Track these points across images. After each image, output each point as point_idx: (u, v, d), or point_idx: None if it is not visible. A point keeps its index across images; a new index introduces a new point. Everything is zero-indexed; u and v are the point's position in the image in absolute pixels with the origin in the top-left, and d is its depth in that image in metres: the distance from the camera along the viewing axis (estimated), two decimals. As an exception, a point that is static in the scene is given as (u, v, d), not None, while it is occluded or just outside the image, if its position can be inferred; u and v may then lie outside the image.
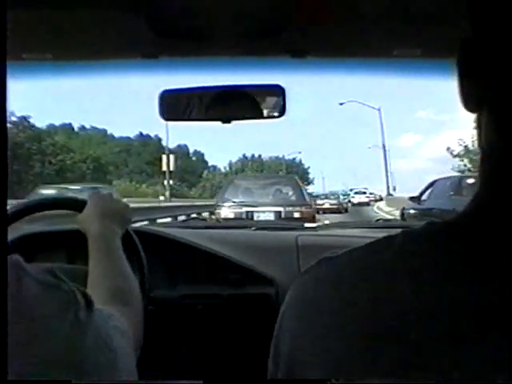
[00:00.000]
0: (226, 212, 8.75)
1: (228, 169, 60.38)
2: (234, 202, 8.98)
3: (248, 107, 1.25)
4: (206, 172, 58.50)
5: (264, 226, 2.06)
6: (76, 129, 59.43)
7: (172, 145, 63.70)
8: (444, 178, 9.84)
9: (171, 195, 30.59)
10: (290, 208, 8.91)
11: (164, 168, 30.91)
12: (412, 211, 9.96)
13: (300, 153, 63.51)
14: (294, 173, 54.25)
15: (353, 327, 0.37)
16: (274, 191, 9.59)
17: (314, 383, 0.38)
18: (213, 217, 10.24)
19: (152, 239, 1.43)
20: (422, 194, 9.96)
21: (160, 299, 1.35)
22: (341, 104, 36.97)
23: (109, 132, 62.73)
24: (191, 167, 61.18)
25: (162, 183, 34.05)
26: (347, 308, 0.38)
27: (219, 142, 76.73)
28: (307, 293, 0.43)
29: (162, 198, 30.21)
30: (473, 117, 0.41)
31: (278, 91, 1.21)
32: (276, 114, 1.23)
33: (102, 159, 46.39)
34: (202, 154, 68.62)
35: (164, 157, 31.50)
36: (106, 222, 0.96)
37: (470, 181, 8.49)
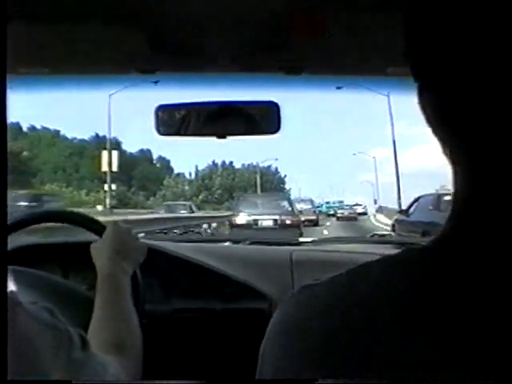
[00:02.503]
0: (240, 219, 12.53)
1: (194, 176, 54.22)
2: (245, 212, 12.74)
3: (243, 123, 1.25)
4: (167, 179, 51.91)
5: (259, 240, 2.06)
6: (25, 129, 52.73)
7: (133, 149, 58.05)
8: (427, 195, 11.20)
9: (114, 205, 23.76)
10: (284, 217, 12.50)
11: (104, 168, 23.48)
12: (401, 223, 11.48)
13: (276, 160, 57.98)
14: (270, 182, 52.17)
15: (331, 355, 0.38)
16: (274, 205, 13.33)
17: (302, 383, 0.39)
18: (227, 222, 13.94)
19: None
20: (409, 208, 11.52)
21: (153, 313, 1.34)
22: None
23: (61, 133, 55.98)
24: (154, 174, 55.24)
25: (103, 188, 25.83)
26: (325, 337, 0.39)
27: (187, 148, 72.11)
28: (287, 320, 0.43)
29: (99, 207, 24.28)
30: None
31: (273, 108, 1.22)
32: (271, 130, 1.24)
33: (33, 160, 42.67)
34: (168, 161, 62.40)
35: (105, 154, 23.80)
36: (118, 260, 0.94)
37: (447, 198, 9.34)
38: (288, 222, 12.34)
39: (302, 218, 19.35)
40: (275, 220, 12.33)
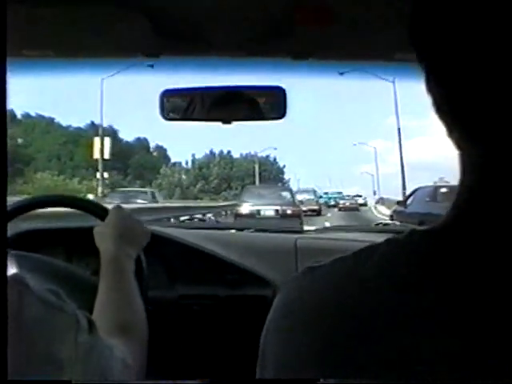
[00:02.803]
0: (244, 209, 13.40)
1: (190, 165, 52.29)
2: (249, 202, 13.64)
3: (249, 108, 1.25)
4: (164, 168, 49.96)
5: (264, 228, 2.06)
6: (19, 116, 49.87)
7: (130, 138, 56.20)
8: (423, 187, 11.69)
9: (107, 193, 22.19)
10: (285, 207, 13.34)
11: (96, 155, 22.72)
12: (399, 213, 11.88)
13: (275, 149, 55.00)
14: (268, 171, 51.11)
15: (335, 338, 0.38)
16: (276, 196, 14.31)
17: (303, 383, 0.38)
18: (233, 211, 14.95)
19: (151, 238, 1.43)
20: (406, 199, 12.01)
21: (158, 299, 1.34)
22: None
23: (56, 120, 53.91)
24: (151, 163, 53.20)
25: (95, 176, 25.15)
26: (329, 319, 0.39)
27: (185, 137, 69.96)
28: (289, 305, 0.43)
29: (90, 196, 21.10)
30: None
31: (279, 93, 1.21)
32: (277, 116, 1.23)
33: (27, 148, 41.82)
34: (165, 150, 60.21)
35: (97, 140, 22.97)
36: (121, 244, 0.94)
37: (443, 190, 10.44)
38: (289, 211, 13.16)
39: (305, 208, 21.43)
40: (277, 210, 13.20)
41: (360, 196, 40.72)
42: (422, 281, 0.37)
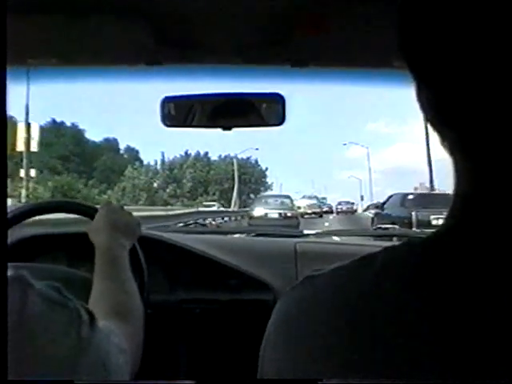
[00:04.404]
0: (256, 212, 17.31)
1: (159, 166, 47.26)
2: (259, 208, 17.75)
3: (249, 115, 1.26)
4: (129, 169, 44.30)
5: (264, 232, 2.07)
6: None
7: (97, 138, 52.21)
8: (396, 194, 13.73)
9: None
10: (286, 211, 17.49)
11: (20, 147, 16.93)
12: (378, 216, 13.79)
13: (257, 149, 51.26)
14: (249, 175, 47.77)
15: (335, 345, 0.38)
16: (279, 202, 18.35)
17: (305, 383, 0.39)
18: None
19: (152, 243, 1.44)
20: (384, 203, 13.94)
21: (159, 303, 1.35)
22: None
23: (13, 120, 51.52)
24: (120, 166, 47.43)
25: (18, 175, 18.36)
26: (328, 330, 0.39)
27: (158, 138, 64.72)
28: (290, 314, 0.43)
29: (9, 201, 9.99)
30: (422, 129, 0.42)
31: (278, 99, 1.23)
32: (276, 122, 1.25)
33: None
34: (137, 151, 55.94)
35: (20, 127, 16.89)
36: (114, 235, 0.96)
37: (410, 196, 12.67)
38: (289, 214, 17.43)
39: (309, 211, 28.15)
40: (280, 213, 17.31)
41: (353, 203, 40.72)
42: (421, 289, 0.37)
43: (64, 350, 0.50)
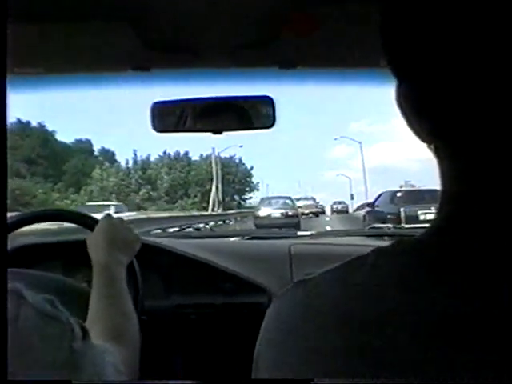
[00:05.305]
0: (261, 212, 19.33)
1: (131, 165, 42.46)
2: (264, 208, 19.78)
3: (238, 118, 1.26)
4: (97, 170, 40.33)
5: (258, 235, 2.07)
6: None
7: (69, 139, 48.13)
8: (386, 191, 14.41)
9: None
10: (287, 210, 19.54)
11: None
12: (369, 214, 14.32)
13: (241, 146, 43.73)
14: (233, 174, 44.80)
15: (327, 347, 0.38)
16: (282, 203, 20.38)
17: (298, 383, 0.39)
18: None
19: (146, 249, 1.43)
20: (375, 201, 14.51)
21: (155, 309, 1.35)
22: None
23: None
24: (92, 168, 42.32)
25: None
26: (319, 332, 0.39)
27: (136, 139, 63.33)
28: (282, 318, 0.43)
29: None
30: (405, 128, 0.42)
31: (268, 102, 1.23)
32: (266, 125, 1.25)
33: None
34: (112, 153, 50.11)
35: None
36: (112, 252, 0.95)
37: (399, 194, 13.54)
38: (290, 213, 19.42)
39: (307, 211, 29.26)
40: (282, 213, 19.30)
41: (346, 203, 40.84)
42: (411, 289, 0.37)
43: (56, 362, 0.50)
